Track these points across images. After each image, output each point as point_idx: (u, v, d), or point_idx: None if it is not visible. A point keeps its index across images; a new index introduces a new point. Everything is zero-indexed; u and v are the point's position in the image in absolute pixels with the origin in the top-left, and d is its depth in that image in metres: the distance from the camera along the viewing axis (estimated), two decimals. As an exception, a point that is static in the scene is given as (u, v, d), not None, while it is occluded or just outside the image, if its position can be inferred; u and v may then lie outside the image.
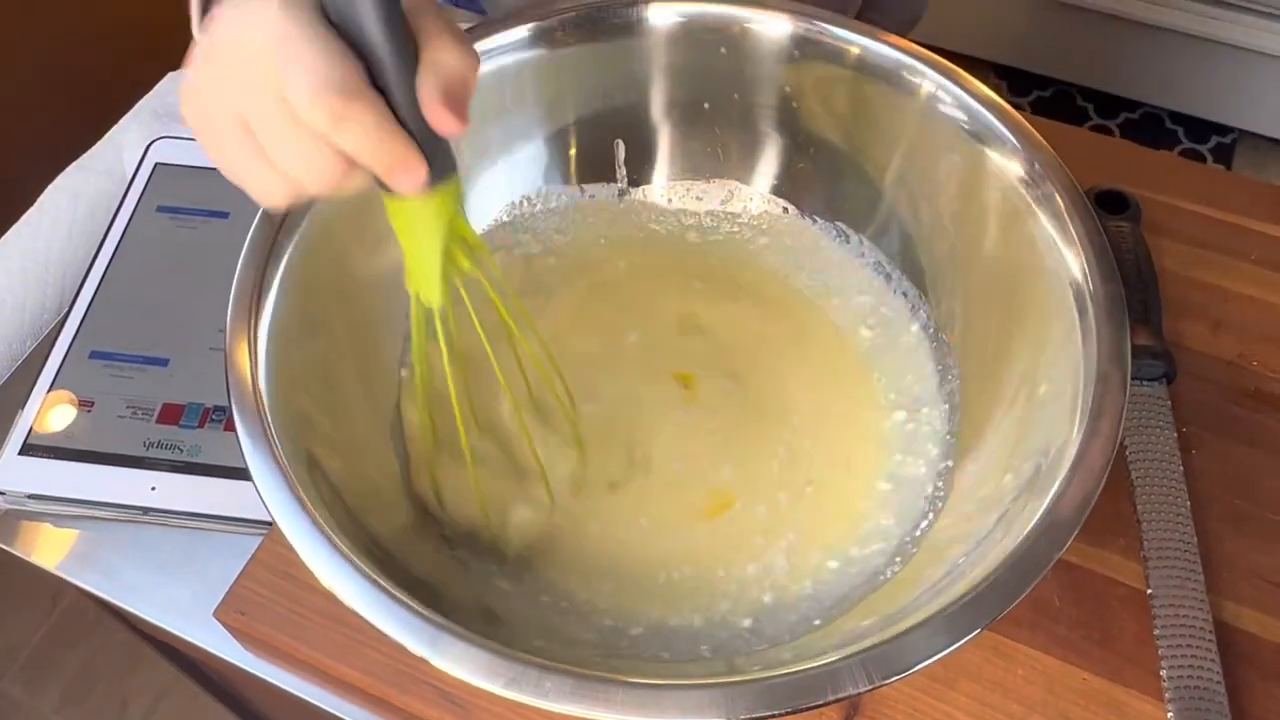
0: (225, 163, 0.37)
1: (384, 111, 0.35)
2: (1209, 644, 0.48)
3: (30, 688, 1.25)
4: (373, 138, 0.34)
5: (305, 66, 0.33)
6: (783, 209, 0.60)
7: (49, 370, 0.58)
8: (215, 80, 0.35)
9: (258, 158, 0.36)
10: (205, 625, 0.51)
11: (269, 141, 0.35)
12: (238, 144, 0.36)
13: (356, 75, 0.34)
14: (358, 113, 0.34)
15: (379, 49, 0.34)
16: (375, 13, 0.33)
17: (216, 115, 0.36)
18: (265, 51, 0.33)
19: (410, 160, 0.36)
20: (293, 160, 0.35)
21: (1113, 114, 1.71)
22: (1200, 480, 0.54)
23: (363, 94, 0.34)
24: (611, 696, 0.36)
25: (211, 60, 0.35)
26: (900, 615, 0.41)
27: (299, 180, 0.36)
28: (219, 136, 0.36)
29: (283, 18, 0.33)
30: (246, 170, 0.36)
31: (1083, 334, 0.45)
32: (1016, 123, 0.50)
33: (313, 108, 0.33)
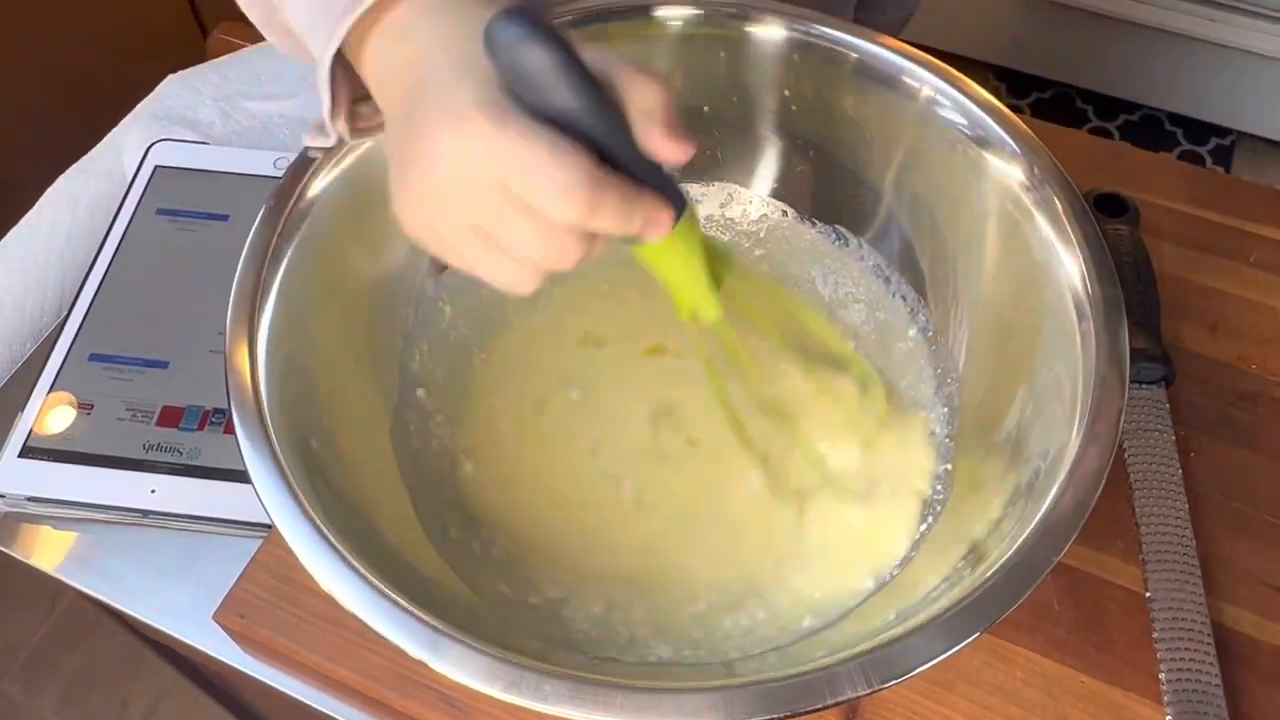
0: (467, 266, 0.37)
1: (626, 187, 0.35)
2: (1207, 647, 0.48)
3: (30, 689, 1.25)
4: (624, 211, 0.35)
5: (540, 173, 0.33)
6: (782, 212, 0.60)
7: (49, 372, 0.58)
8: (443, 198, 0.35)
9: (501, 257, 0.36)
10: (205, 628, 0.51)
11: (513, 244, 0.35)
12: (479, 249, 0.36)
13: (589, 163, 0.34)
14: (603, 201, 0.34)
15: (590, 122, 0.34)
16: (577, 92, 0.33)
17: (449, 228, 0.36)
18: (491, 165, 0.33)
19: (657, 215, 0.36)
20: (541, 253, 0.35)
21: (1112, 116, 1.71)
22: (1199, 483, 0.54)
23: (603, 181, 0.34)
24: (610, 700, 0.36)
25: (432, 183, 0.35)
26: (899, 619, 0.41)
27: (548, 266, 0.36)
28: (458, 247, 0.36)
29: (493, 128, 0.33)
30: (493, 270, 0.37)
31: (1081, 337, 0.45)
32: (1015, 126, 0.50)
33: (565, 211, 0.33)
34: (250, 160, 0.67)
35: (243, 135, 0.71)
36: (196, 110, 0.72)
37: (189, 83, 0.74)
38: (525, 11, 0.33)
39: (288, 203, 0.48)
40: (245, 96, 0.73)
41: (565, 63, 0.33)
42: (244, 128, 0.71)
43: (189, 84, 0.74)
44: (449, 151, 0.34)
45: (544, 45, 0.33)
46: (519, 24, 0.32)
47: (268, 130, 0.70)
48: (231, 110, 0.72)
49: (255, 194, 0.60)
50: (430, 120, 0.35)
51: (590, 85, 0.34)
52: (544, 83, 0.33)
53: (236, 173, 0.67)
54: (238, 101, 0.72)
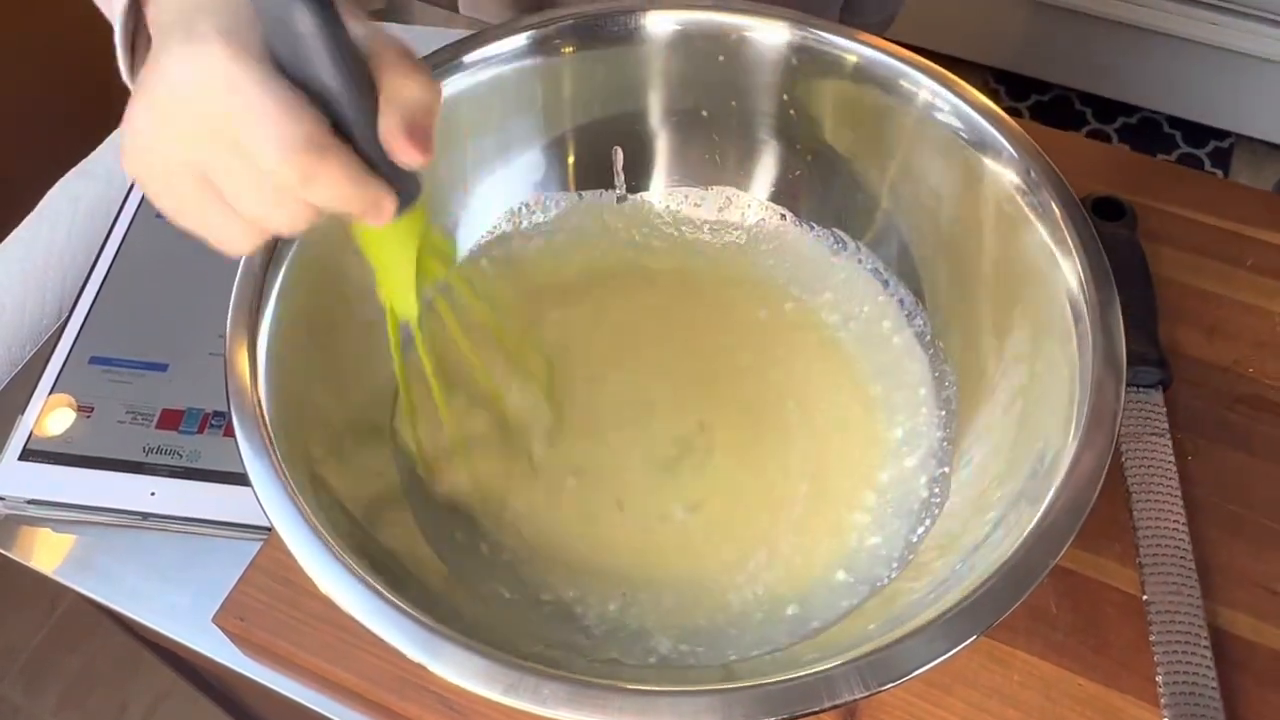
0: (182, 214, 0.36)
1: (351, 162, 0.34)
2: (1204, 650, 0.48)
3: (29, 691, 1.25)
4: (342, 188, 0.34)
5: (266, 122, 0.32)
6: (780, 216, 0.60)
7: (49, 375, 0.58)
8: (163, 130, 0.34)
9: (218, 207, 0.35)
10: (204, 630, 0.51)
11: (232, 192, 0.34)
12: (195, 195, 0.35)
13: (321, 128, 0.33)
14: (325, 170, 0.33)
15: (337, 94, 0.33)
16: (330, 60, 0.33)
17: (169, 167, 0.34)
18: (217, 102, 0.32)
19: (380, 200, 0.36)
20: (259, 209, 0.34)
21: (1111, 118, 1.71)
22: (1196, 486, 0.54)
23: (329, 149, 0.33)
24: (609, 703, 0.36)
25: (157, 109, 0.34)
26: (897, 621, 0.41)
27: (265, 226, 0.35)
28: (173, 189, 0.35)
29: (232, 66, 0.32)
30: (208, 221, 0.35)
31: (1078, 341, 0.45)
32: (1013, 130, 0.50)
33: (281, 167, 0.32)
34: (250, 163, 0.67)
35: (242, 138, 0.71)
36: (196, 113, 0.72)
37: (189, 86, 0.74)
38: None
39: (287, 206, 0.48)
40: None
41: (326, 29, 0.32)
42: (244, 131, 0.71)
43: (189, 87, 0.74)
44: (180, 78, 0.33)
45: (310, 6, 0.32)
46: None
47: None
48: (231, 113, 0.72)
49: (255, 197, 0.60)
50: (172, 45, 0.33)
51: (344, 58, 0.33)
52: (300, 43, 0.32)
53: (236, 176, 0.67)
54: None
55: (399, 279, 0.42)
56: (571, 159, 0.59)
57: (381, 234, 0.40)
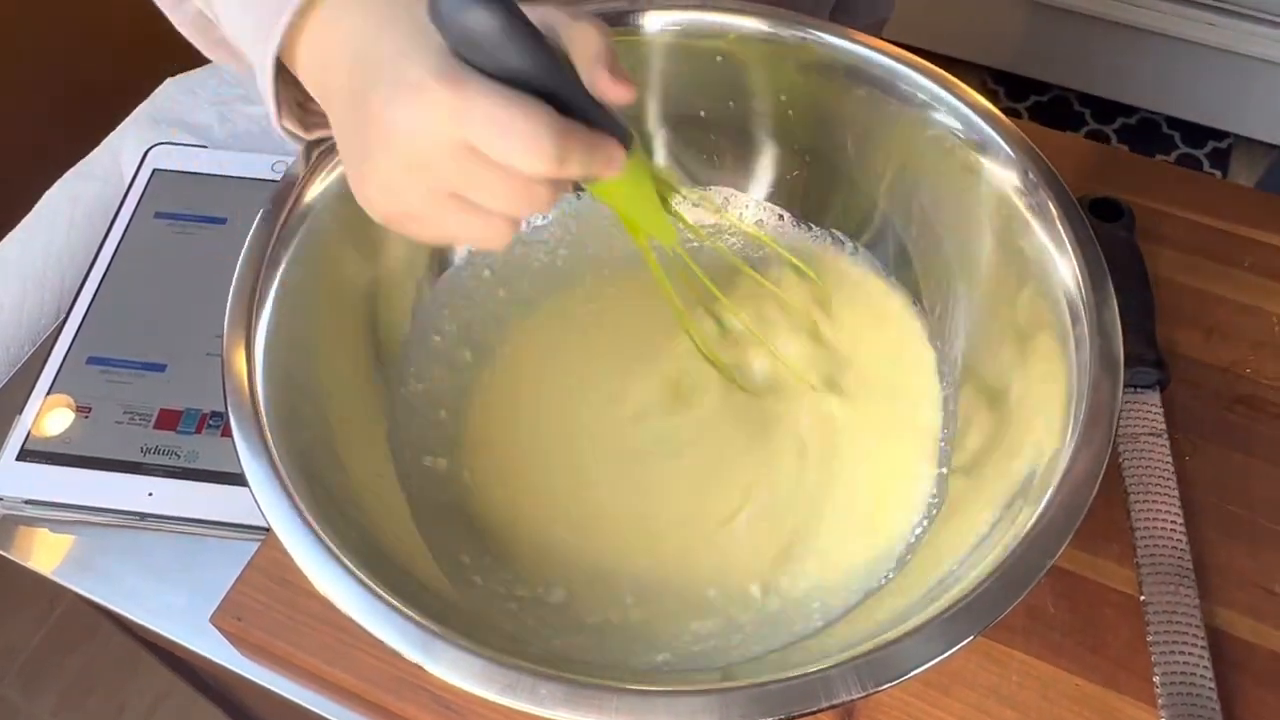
0: (445, 235, 0.38)
1: (584, 133, 0.36)
2: (1202, 650, 0.48)
3: (28, 691, 1.25)
4: (586, 158, 0.36)
5: (508, 133, 0.34)
6: (779, 216, 0.60)
7: (47, 376, 0.58)
8: (411, 173, 0.36)
9: (476, 216, 0.37)
10: (202, 630, 0.51)
11: (486, 200, 0.36)
12: (454, 215, 0.37)
13: (551, 114, 0.35)
14: (570, 149, 0.35)
15: (541, 75, 0.35)
16: (525, 48, 0.34)
17: (424, 202, 0.37)
18: (456, 132, 0.34)
19: (614, 153, 0.38)
20: (515, 206, 0.36)
21: (1110, 119, 1.71)
22: (1193, 487, 0.54)
23: (565, 130, 0.35)
24: (606, 703, 0.36)
25: (399, 156, 0.36)
26: (894, 621, 0.41)
27: (522, 216, 0.37)
28: (431, 217, 0.37)
29: (452, 94, 0.34)
30: (470, 231, 0.38)
31: (1076, 341, 0.45)
32: (1011, 131, 0.50)
33: (535, 164, 0.34)
34: (248, 164, 0.68)
35: (241, 139, 0.71)
36: (195, 114, 0.72)
37: (187, 86, 0.74)
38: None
39: (285, 206, 0.48)
40: (244, 100, 0.73)
41: (512, 22, 0.34)
42: (242, 131, 0.71)
43: (187, 87, 0.74)
44: (410, 124, 0.34)
45: (489, 8, 0.33)
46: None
47: (266, 134, 0.71)
48: (230, 114, 0.72)
49: (253, 197, 0.61)
50: (385, 97, 0.35)
51: (538, 41, 0.35)
52: (494, 45, 0.34)
53: (234, 176, 0.67)
54: (236, 105, 0.73)
55: (649, 212, 0.45)
56: (570, 159, 0.59)
57: (620, 182, 0.42)
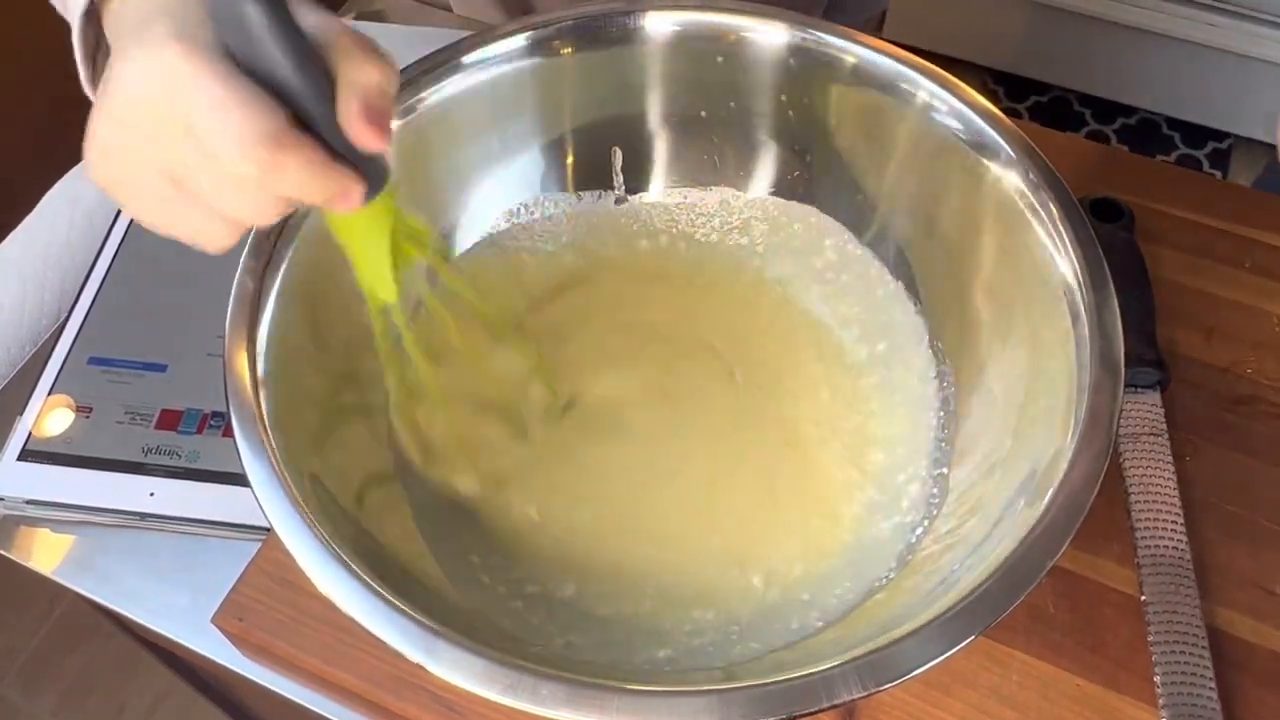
0: (154, 218, 0.36)
1: (313, 152, 0.34)
2: (1203, 650, 0.48)
3: (28, 691, 1.25)
4: (306, 178, 0.34)
5: (225, 119, 0.32)
6: (777, 216, 0.60)
7: (48, 376, 0.58)
8: (126, 136, 0.34)
9: (190, 207, 0.35)
10: (203, 631, 0.51)
11: (202, 190, 0.34)
12: (166, 197, 0.35)
13: (278, 121, 0.33)
14: (288, 160, 0.33)
15: (294, 85, 0.33)
16: (283, 52, 0.33)
17: (136, 172, 0.35)
18: (176, 102, 0.33)
19: (348, 185, 0.36)
20: (229, 205, 0.34)
21: (1110, 120, 1.71)
22: (1194, 487, 0.54)
23: (289, 140, 0.33)
24: (607, 703, 0.36)
25: (118, 116, 0.34)
26: (895, 621, 0.41)
27: (238, 220, 0.35)
28: (142, 193, 0.35)
29: (188, 66, 0.32)
30: (181, 221, 0.36)
31: (1076, 342, 0.45)
32: (1011, 131, 0.50)
33: (243, 161, 0.33)
34: (249, 164, 0.67)
35: (242, 139, 0.71)
36: (196, 114, 0.72)
37: (188, 86, 0.74)
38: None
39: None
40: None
41: (276, 21, 0.32)
42: (243, 131, 0.71)
43: (188, 88, 0.74)
44: (138, 81, 0.33)
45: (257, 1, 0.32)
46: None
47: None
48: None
49: (254, 198, 0.60)
50: (127, 51, 0.34)
51: (297, 47, 0.33)
52: (251, 35, 0.33)
53: (235, 176, 0.67)
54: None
55: (375, 263, 0.42)
56: (570, 160, 0.59)
57: (353, 220, 0.40)
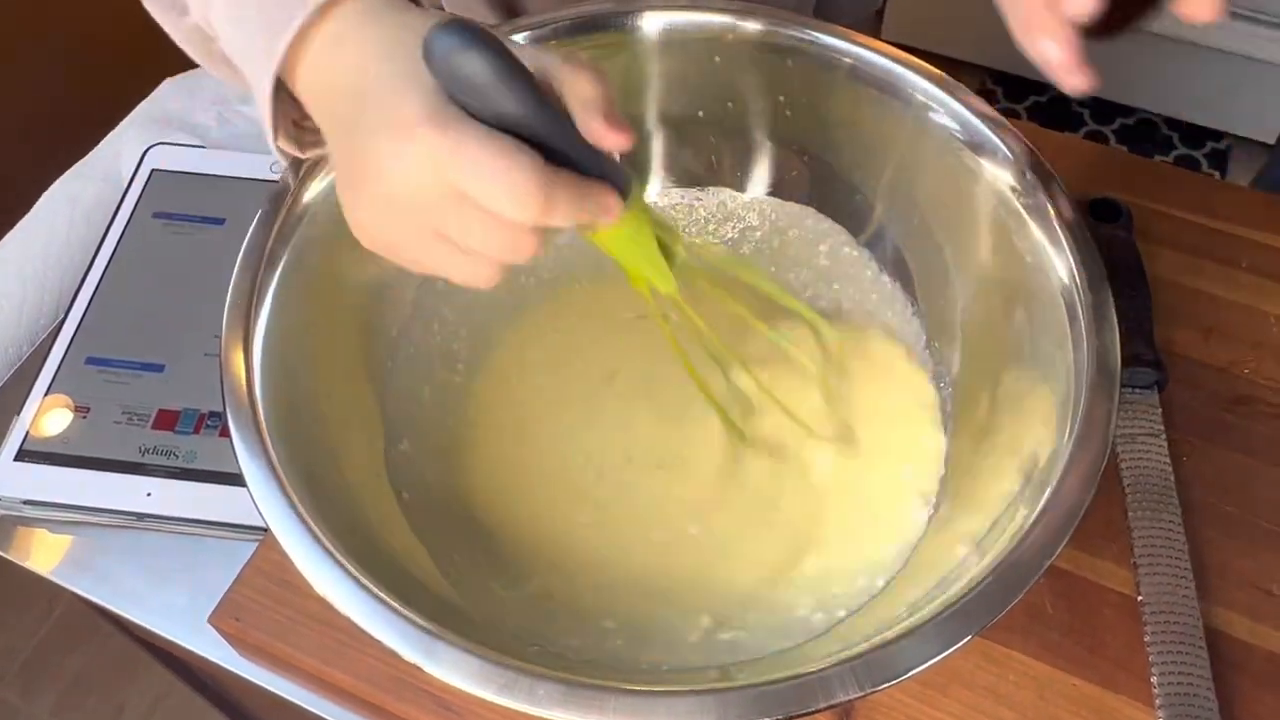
0: (433, 270, 0.38)
1: (573, 182, 0.36)
2: (1200, 651, 0.48)
3: (26, 692, 1.25)
4: (574, 208, 0.36)
5: (490, 179, 0.34)
6: (775, 216, 0.60)
7: (45, 376, 0.58)
8: (400, 214, 0.36)
9: (463, 256, 0.37)
10: (200, 631, 0.51)
11: (472, 244, 0.36)
12: (440, 252, 0.37)
13: (539, 163, 0.34)
14: (556, 198, 0.35)
15: (534, 121, 0.35)
16: (515, 93, 0.34)
17: (414, 240, 0.37)
18: (440, 174, 0.34)
19: (607, 199, 0.37)
20: (498, 249, 0.36)
21: (1108, 119, 1.71)
22: (1191, 487, 0.54)
23: (555, 178, 0.35)
24: (604, 703, 0.36)
25: (385, 199, 0.36)
26: (892, 622, 0.41)
27: (509, 261, 0.37)
28: (419, 255, 0.37)
29: (441, 139, 0.34)
30: (456, 270, 0.38)
31: (1074, 342, 0.45)
32: (1009, 132, 0.50)
33: (520, 211, 0.34)
34: (247, 164, 0.68)
35: (239, 139, 0.71)
36: (194, 114, 0.72)
37: (186, 86, 0.74)
38: (463, 21, 0.33)
39: (283, 207, 0.48)
40: (242, 100, 0.73)
41: (505, 68, 0.33)
42: (241, 132, 0.71)
43: (186, 88, 0.74)
44: (400, 164, 0.35)
45: (483, 53, 0.33)
46: (457, 34, 0.33)
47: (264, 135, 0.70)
48: (228, 114, 0.72)
49: (251, 198, 0.61)
50: (378, 134, 0.35)
51: (531, 88, 0.34)
52: (486, 90, 0.34)
53: (233, 176, 0.67)
54: (235, 105, 0.73)
55: (648, 263, 0.44)
56: (568, 160, 0.59)
57: (616, 232, 0.41)
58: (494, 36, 0.34)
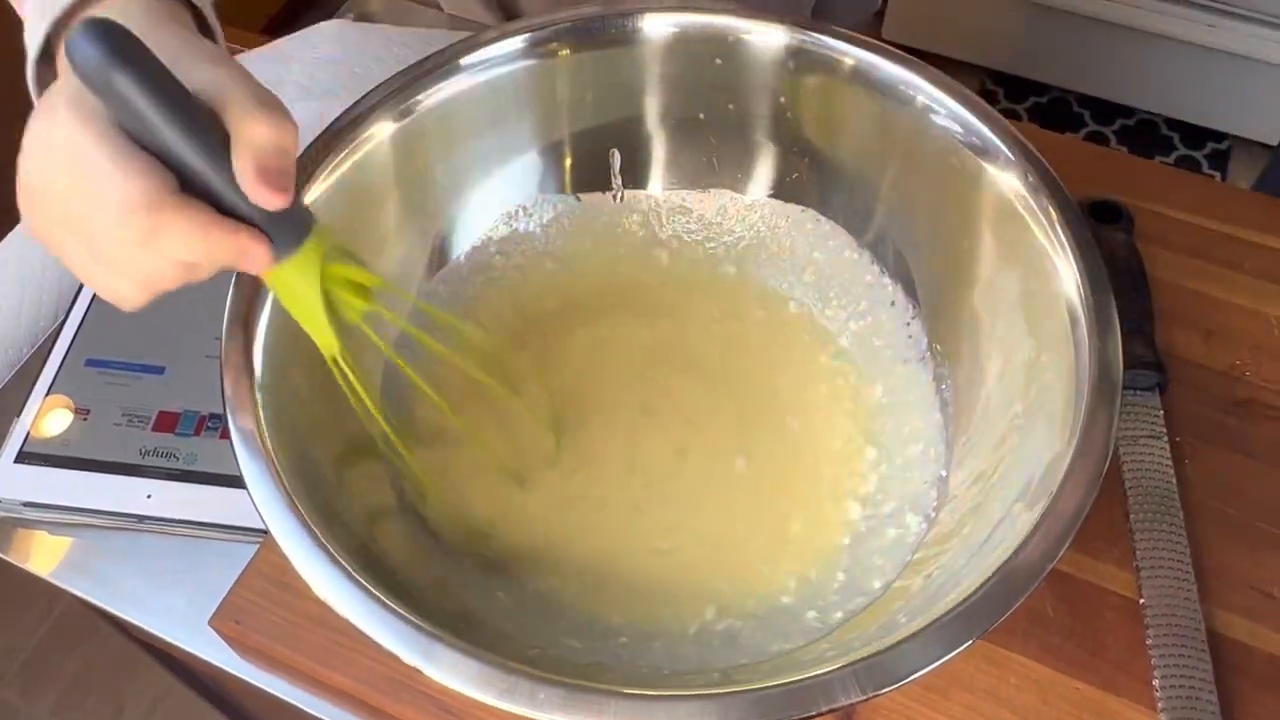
0: (76, 271, 0.36)
1: (196, 213, 0.34)
2: (1201, 653, 0.48)
3: (26, 693, 1.25)
4: (196, 240, 0.34)
5: (105, 184, 0.32)
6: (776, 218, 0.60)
7: (45, 378, 0.58)
8: (36, 191, 0.35)
9: (101, 264, 0.35)
10: (200, 633, 0.51)
11: (105, 253, 0.34)
12: (76, 254, 0.35)
13: (156, 185, 0.33)
14: (169, 224, 0.33)
15: (177, 148, 0.33)
16: (160, 115, 0.32)
17: (47, 228, 0.35)
18: (66, 167, 0.33)
19: (246, 246, 0.35)
20: (128, 266, 0.34)
21: (1109, 120, 1.71)
22: (1193, 490, 0.54)
23: (167, 203, 0.33)
24: (605, 707, 0.36)
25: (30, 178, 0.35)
26: (894, 625, 0.41)
27: (146, 283, 0.35)
28: (63, 248, 0.36)
29: (74, 132, 0.32)
30: (96, 278, 0.36)
31: (1075, 344, 0.45)
32: (1010, 134, 0.50)
33: (123, 228, 0.32)
34: (247, 165, 0.67)
35: (240, 140, 0.71)
36: (194, 115, 0.72)
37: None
38: (110, 27, 0.31)
39: (284, 209, 0.48)
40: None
41: (147, 88, 0.32)
42: (241, 133, 0.71)
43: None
44: (37, 144, 0.34)
45: (123, 68, 0.31)
46: (97, 43, 0.31)
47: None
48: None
49: (252, 199, 0.60)
50: (37, 114, 0.34)
51: (176, 111, 0.33)
52: (128, 104, 0.32)
53: (233, 178, 0.67)
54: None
55: (310, 317, 0.41)
56: (569, 161, 0.59)
57: (279, 275, 0.39)
58: (141, 47, 0.32)
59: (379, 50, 0.74)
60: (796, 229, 0.60)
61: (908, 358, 0.55)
